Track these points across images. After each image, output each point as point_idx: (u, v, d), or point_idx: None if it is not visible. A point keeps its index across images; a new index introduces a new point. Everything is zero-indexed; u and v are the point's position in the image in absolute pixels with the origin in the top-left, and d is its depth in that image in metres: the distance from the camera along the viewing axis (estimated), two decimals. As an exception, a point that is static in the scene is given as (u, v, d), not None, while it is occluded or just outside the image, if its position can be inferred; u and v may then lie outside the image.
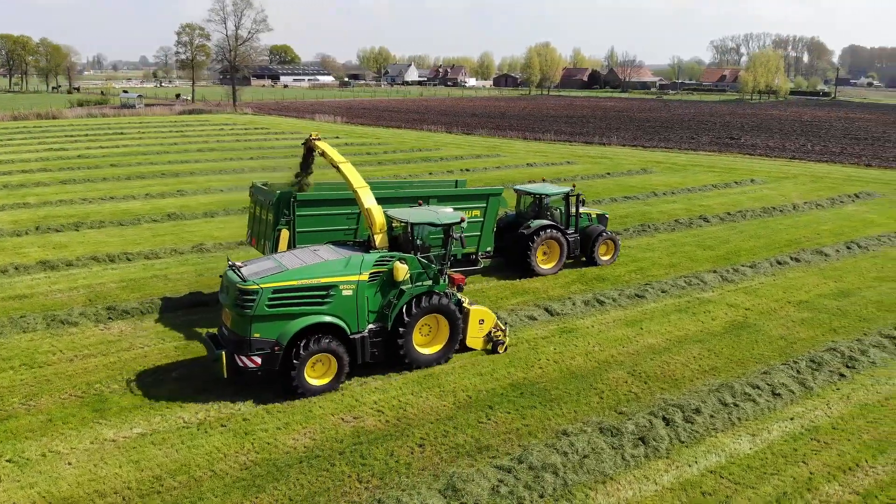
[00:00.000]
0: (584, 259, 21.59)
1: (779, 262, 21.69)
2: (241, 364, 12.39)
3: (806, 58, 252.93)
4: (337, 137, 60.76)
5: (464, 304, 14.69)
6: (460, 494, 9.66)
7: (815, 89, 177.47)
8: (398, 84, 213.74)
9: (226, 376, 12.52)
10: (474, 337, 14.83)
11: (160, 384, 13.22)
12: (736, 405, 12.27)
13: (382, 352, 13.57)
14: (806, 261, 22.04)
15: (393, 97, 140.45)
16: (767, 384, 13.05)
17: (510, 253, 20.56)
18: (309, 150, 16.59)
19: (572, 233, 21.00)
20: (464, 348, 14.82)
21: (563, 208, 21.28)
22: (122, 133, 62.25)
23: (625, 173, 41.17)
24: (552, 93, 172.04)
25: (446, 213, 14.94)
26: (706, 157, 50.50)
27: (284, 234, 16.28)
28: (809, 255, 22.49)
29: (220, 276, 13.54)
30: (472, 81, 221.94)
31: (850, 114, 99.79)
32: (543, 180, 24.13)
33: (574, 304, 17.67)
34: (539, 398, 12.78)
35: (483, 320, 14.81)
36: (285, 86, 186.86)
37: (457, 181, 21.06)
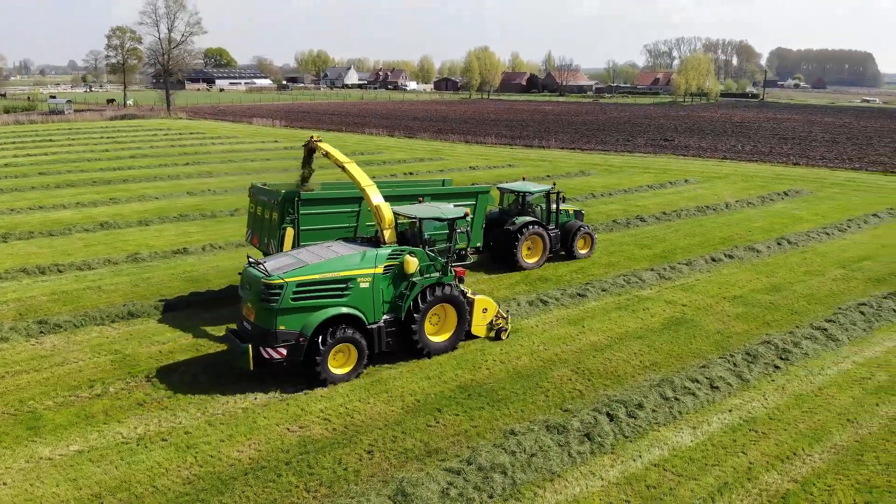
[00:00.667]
0: (563, 253, 22.68)
1: (713, 259, 22.39)
2: (266, 356, 12.89)
3: (735, 61, 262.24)
4: (276, 142, 59.89)
5: (467, 294, 15.36)
6: (410, 499, 9.63)
7: (745, 91, 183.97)
8: (338, 87, 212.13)
9: (251, 369, 12.94)
10: (478, 325, 15.59)
11: (96, 399, 12.76)
12: (677, 399, 12.60)
13: (396, 341, 14.32)
14: (739, 257, 22.81)
15: (333, 100, 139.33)
16: (706, 377, 13.44)
17: (496, 249, 21.40)
18: (310, 151, 17.07)
19: (553, 228, 22.15)
20: (468, 336, 15.48)
21: (543, 205, 22.39)
22: (50, 140, 59.88)
23: (564, 175, 41.85)
24: (492, 96, 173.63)
25: (451, 209, 15.75)
26: (641, 158, 51.79)
27: (289, 232, 16.66)
28: (742, 252, 23.30)
29: (240, 274, 14.08)
30: (412, 85, 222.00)
31: (778, 115, 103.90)
32: (524, 179, 25.12)
33: (518, 304, 17.85)
34: (487, 399, 12.85)
35: (486, 309, 15.63)
36: (221, 89, 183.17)
37: (443, 181, 21.63)
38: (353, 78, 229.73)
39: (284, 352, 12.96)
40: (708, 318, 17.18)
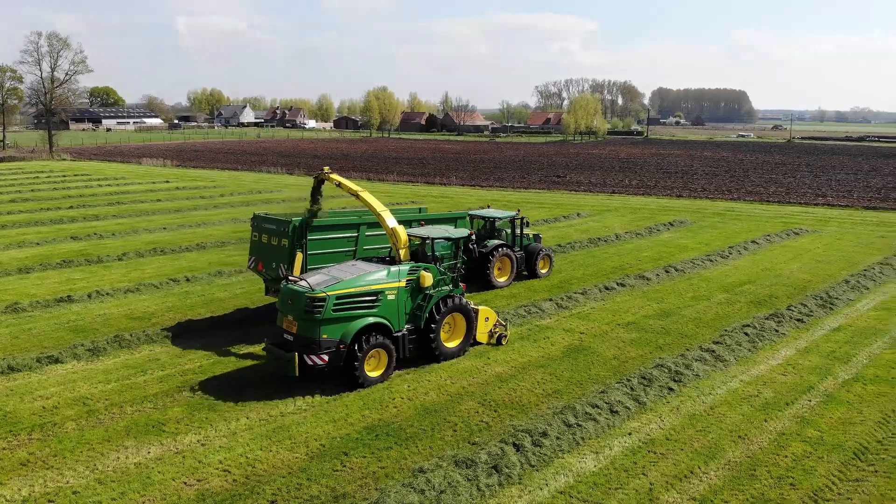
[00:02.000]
0: (525, 273, 24.85)
1: (607, 288, 23.26)
2: (310, 363, 14.33)
3: (620, 100, 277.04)
4: (167, 182, 57.78)
5: (472, 305, 17.00)
6: (318, 546, 9.31)
7: (630, 129, 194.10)
8: (233, 126, 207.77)
9: (297, 375, 14.29)
10: (482, 332, 17.37)
11: (-33, 464, 11.66)
12: (579, 425, 12.89)
13: (417, 347, 16.01)
14: (630, 285, 23.82)
15: (228, 139, 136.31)
16: (605, 402, 13.84)
17: (470, 269, 22.64)
18: (319, 182, 18.63)
19: (518, 251, 24.45)
20: (472, 343, 17.22)
21: (508, 230, 24.70)
22: (-87, 184, 55.25)
23: (466, 211, 42.49)
24: (392, 135, 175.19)
25: (455, 230, 18.12)
26: (536, 194, 53.45)
27: (299, 256, 18.02)
28: (633, 280, 24.35)
29: (277, 291, 16.50)
30: (311, 123, 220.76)
31: (661, 150, 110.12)
32: (489, 206, 27.51)
33: (423, 340, 17.81)
34: (395, 438, 12.69)
35: (488, 318, 17.43)
36: (108, 129, 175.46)
37: (420, 208, 23.62)
38: (248, 116, 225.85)
39: (326, 358, 14.40)
40: (605, 345, 17.77)
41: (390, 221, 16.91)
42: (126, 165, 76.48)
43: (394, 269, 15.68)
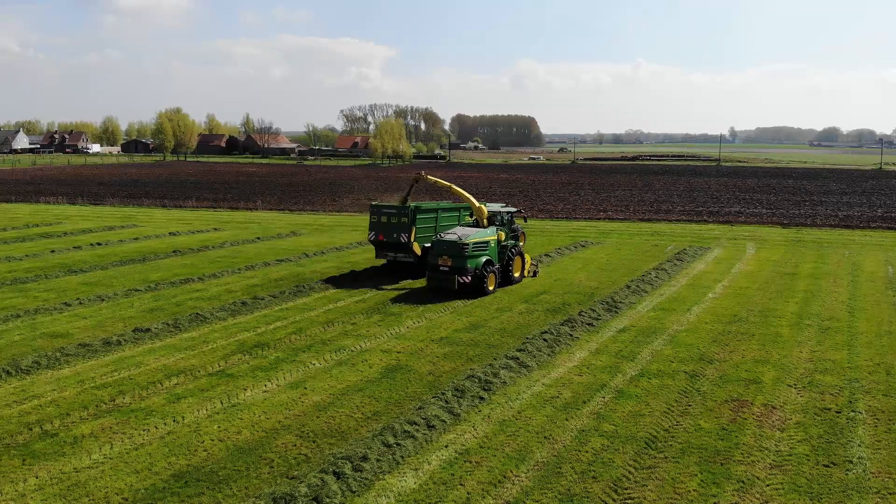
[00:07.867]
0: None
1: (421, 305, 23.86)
2: (462, 280, 24.64)
3: (423, 126, 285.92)
4: (-78, 218, 50.10)
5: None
6: None
7: (434, 153, 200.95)
8: (4, 153, 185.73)
9: (456, 288, 24.69)
10: (526, 269, 28.36)
11: None
12: (398, 444, 13.01)
13: (501, 277, 26.38)
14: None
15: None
16: (422, 418, 14.12)
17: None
18: (415, 181, 30.17)
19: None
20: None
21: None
22: None
23: (275, 237, 41.52)
24: (190, 158, 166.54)
25: (509, 207, 29.67)
26: (349, 217, 53.61)
27: (413, 229, 27.61)
28: (445, 298, 25.22)
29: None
30: (96, 147, 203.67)
31: (463, 173, 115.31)
32: (486, 202, 35.88)
33: (233, 375, 17.07)
34: (206, 483, 11.95)
35: (528, 260, 28.54)
36: None
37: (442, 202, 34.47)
38: (23, 142, 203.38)
39: (469, 279, 24.54)
40: (420, 362, 18.16)
41: (476, 202, 28.06)
42: None
43: (490, 229, 26.40)
